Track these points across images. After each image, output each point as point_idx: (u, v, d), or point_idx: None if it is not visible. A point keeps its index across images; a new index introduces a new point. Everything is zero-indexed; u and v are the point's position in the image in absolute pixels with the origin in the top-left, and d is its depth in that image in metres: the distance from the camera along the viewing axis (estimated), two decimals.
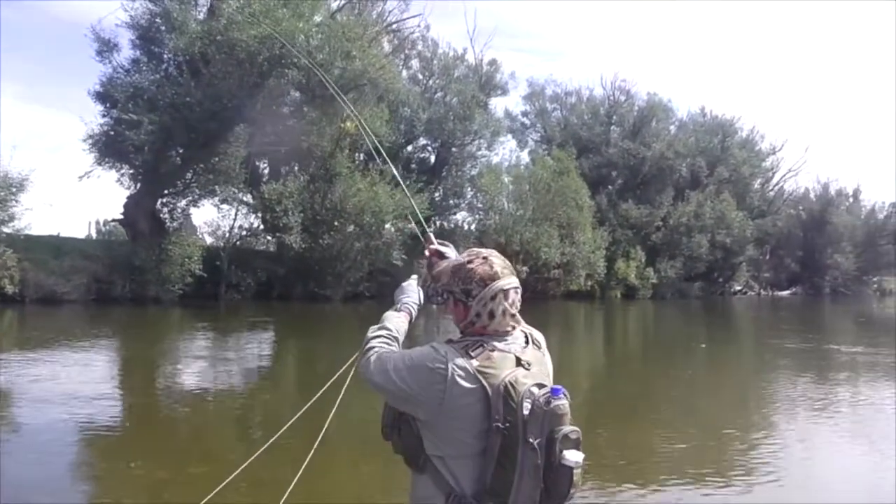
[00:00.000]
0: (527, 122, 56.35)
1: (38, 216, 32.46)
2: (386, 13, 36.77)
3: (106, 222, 40.35)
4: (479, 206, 41.48)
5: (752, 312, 41.81)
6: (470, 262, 2.31)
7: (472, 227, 41.43)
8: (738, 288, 61.20)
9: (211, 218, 34.04)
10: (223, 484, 2.89)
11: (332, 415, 3.02)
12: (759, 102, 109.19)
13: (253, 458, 2.95)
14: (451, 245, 2.90)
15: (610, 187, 52.37)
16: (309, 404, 3.02)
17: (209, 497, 2.88)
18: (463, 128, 39.69)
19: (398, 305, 2.68)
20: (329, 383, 2.91)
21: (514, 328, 2.34)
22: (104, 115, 28.56)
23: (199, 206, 32.88)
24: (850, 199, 71.28)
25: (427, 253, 2.87)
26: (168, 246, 28.09)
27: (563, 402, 2.16)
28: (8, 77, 69.56)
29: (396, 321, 2.57)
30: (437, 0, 52.71)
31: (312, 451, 3.10)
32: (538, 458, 2.11)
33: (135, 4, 28.57)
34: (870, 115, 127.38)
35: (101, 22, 28.97)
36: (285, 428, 3.02)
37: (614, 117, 55.89)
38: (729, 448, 8.97)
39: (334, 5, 33.31)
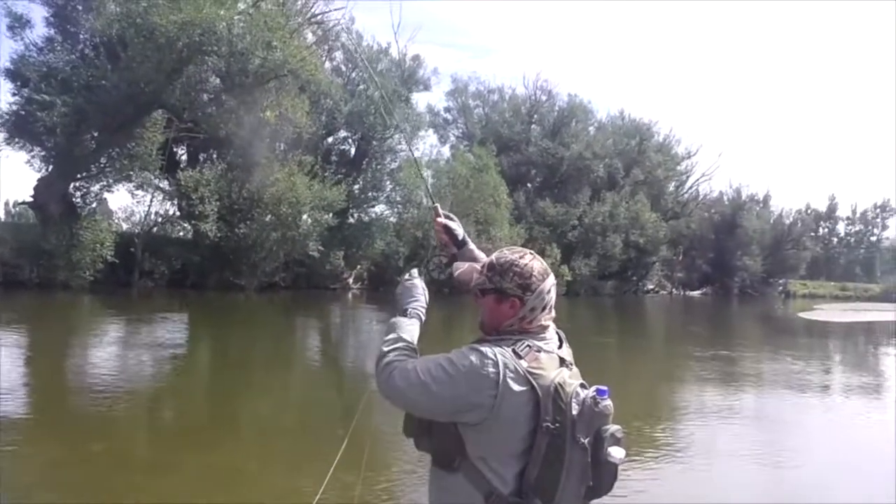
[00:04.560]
0: (449, 117, 57.29)
1: None
2: (310, 4, 36.71)
3: (16, 204, 39.33)
4: (398, 199, 41.79)
5: (660, 312, 43.01)
6: (521, 257, 2.36)
7: (392, 219, 41.69)
8: (651, 287, 62.62)
9: (126, 203, 33.46)
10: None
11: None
12: (677, 108, 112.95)
13: None
14: (456, 219, 3.03)
15: (528, 185, 53.43)
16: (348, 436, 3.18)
17: None
18: (384, 121, 39.88)
19: (407, 310, 2.54)
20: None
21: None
22: (14, 94, 27.97)
23: (113, 191, 32.49)
24: (761, 205, 74.10)
25: (437, 227, 3.02)
26: (79, 231, 27.55)
27: (609, 403, 2.25)
28: None
29: (410, 329, 2.45)
30: None
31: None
32: (587, 456, 2.21)
33: None
34: (781, 124, 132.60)
35: None
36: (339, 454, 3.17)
37: (535, 116, 57.03)
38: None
39: None
